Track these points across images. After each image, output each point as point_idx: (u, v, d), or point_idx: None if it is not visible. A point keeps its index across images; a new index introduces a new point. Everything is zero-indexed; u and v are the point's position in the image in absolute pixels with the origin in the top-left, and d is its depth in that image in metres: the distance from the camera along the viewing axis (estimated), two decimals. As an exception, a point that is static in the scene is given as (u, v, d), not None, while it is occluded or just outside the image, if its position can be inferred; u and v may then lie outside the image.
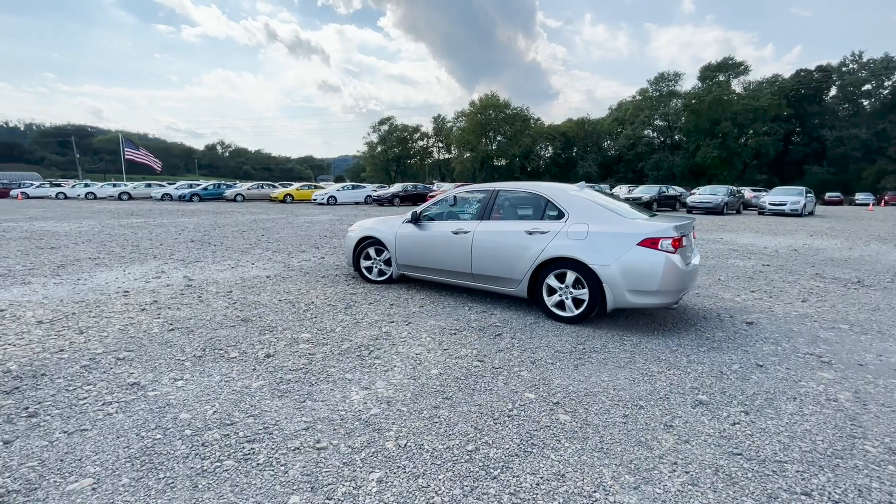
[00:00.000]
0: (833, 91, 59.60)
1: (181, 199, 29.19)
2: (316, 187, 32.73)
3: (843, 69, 58.50)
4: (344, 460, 2.10)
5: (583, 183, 5.37)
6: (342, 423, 2.41)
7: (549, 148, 74.81)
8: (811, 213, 22.20)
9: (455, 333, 3.91)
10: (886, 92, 56.24)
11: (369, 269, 5.79)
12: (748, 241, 10.79)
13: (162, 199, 29.85)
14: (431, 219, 5.25)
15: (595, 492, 1.91)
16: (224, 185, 33.66)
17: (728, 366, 3.28)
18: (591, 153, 69.36)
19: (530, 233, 4.31)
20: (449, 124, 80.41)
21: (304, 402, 2.64)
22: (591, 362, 3.31)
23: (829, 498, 1.90)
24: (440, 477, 1.99)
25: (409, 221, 5.33)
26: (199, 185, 33.26)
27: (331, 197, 27.68)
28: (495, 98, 70.34)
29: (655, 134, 66.84)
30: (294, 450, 2.17)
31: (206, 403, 2.59)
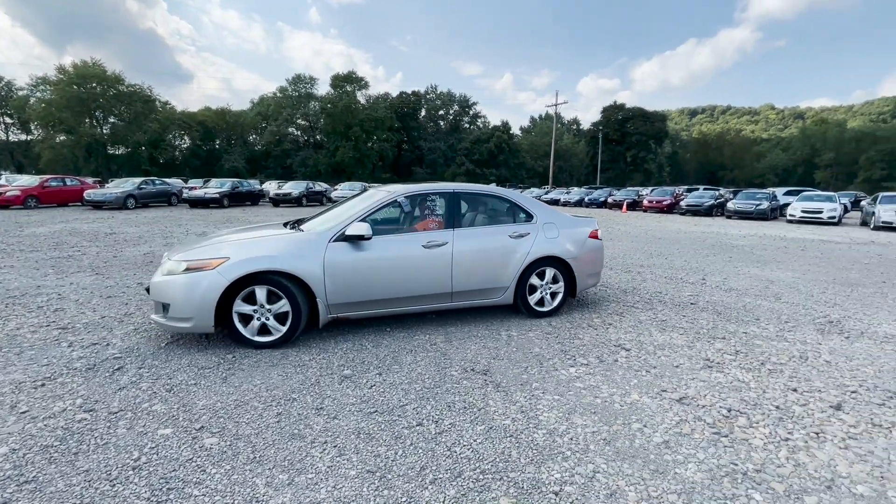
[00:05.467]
0: (423, 112, 79.21)
1: None
2: None
3: (428, 96, 78.75)
4: None
5: (493, 184, 5.42)
6: None
7: (186, 137, 65.47)
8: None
9: (44, 385, 2.82)
10: (452, 117, 79.90)
11: (263, 328, 3.51)
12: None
13: None
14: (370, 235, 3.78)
15: (247, 508, 1.80)
16: None
17: (365, 336, 3.81)
18: (237, 147, 65.46)
19: (513, 236, 4.28)
20: (23, 92, 56.83)
21: None
22: (241, 369, 3.11)
23: (432, 420, 2.51)
24: None
25: (338, 240, 3.65)
26: None
27: None
28: (100, 67, 54.30)
29: (300, 132, 69.78)
30: None
31: None
